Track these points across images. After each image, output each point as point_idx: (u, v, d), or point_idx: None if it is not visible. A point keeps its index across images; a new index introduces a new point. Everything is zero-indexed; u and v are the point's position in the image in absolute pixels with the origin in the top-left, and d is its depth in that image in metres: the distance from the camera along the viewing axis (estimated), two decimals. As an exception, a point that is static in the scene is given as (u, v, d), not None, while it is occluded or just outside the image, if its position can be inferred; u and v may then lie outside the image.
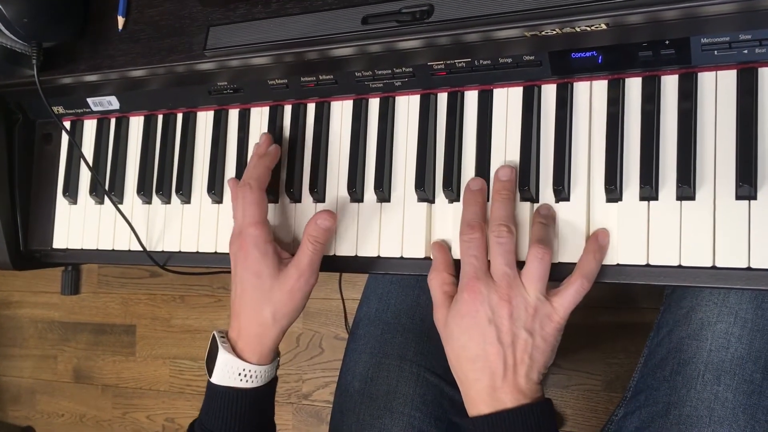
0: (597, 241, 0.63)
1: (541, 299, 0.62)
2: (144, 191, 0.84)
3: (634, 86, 0.64)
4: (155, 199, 0.84)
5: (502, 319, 0.61)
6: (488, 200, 0.67)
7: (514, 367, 0.61)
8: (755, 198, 0.59)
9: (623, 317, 1.37)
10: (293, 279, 0.69)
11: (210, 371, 0.71)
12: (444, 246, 0.69)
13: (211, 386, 0.71)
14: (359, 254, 0.73)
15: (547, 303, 0.62)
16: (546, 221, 0.64)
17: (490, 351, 0.61)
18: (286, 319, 0.71)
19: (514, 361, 0.61)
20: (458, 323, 0.63)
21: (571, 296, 0.62)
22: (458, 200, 0.70)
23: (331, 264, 0.74)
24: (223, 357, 0.70)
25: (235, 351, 0.71)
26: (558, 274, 0.64)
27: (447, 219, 0.70)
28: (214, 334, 0.72)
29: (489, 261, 0.64)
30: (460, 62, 0.68)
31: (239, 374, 0.70)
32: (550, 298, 0.62)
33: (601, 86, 0.65)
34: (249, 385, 0.70)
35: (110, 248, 0.86)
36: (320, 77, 0.74)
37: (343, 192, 0.74)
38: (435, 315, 0.66)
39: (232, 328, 0.72)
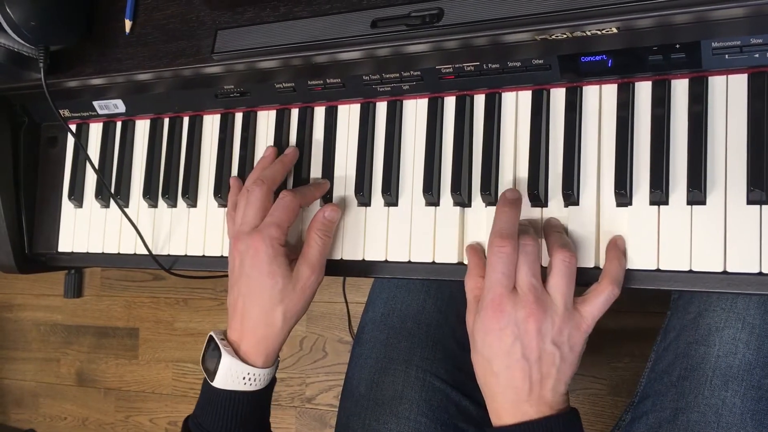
0: (617, 246, 0.62)
1: (569, 308, 0.60)
2: (150, 195, 0.84)
3: (644, 90, 0.64)
4: (161, 202, 0.84)
5: (529, 334, 0.59)
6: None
7: (541, 382, 0.60)
8: (767, 203, 0.59)
9: (629, 321, 1.37)
10: (305, 276, 0.69)
11: (209, 373, 0.70)
12: (478, 249, 0.67)
13: (211, 388, 0.70)
14: (366, 258, 0.73)
15: (575, 312, 0.60)
16: (560, 230, 0.64)
17: (515, 367, 0.60)
18: (295, 319, 0.70)
19: (541, 376, 0.60)
20: (482, 338, 0.61)
21: (600, 304, 0.60)
22: (468, 204, 0.69)
23: (338, 268, 0.74)
24: (228, 361, 0.68)
25: (238, 354, 0.70)
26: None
27: (455, 223, 0.70)
28: (212, 336, 0.71)
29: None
30: (469, 66, 0.67)
31: (244, 378, 0.69)
32: (577, 306, 0.61)
33: (610, 90, 0.65)
34: (252, 387, 0.70)
35: (116, 252, 0.86)
36: (328, 81, 0.73)
37: (351, 195, 0.74)
38: (467, 319, 0.65)
39: (232, 330, 0.71)
